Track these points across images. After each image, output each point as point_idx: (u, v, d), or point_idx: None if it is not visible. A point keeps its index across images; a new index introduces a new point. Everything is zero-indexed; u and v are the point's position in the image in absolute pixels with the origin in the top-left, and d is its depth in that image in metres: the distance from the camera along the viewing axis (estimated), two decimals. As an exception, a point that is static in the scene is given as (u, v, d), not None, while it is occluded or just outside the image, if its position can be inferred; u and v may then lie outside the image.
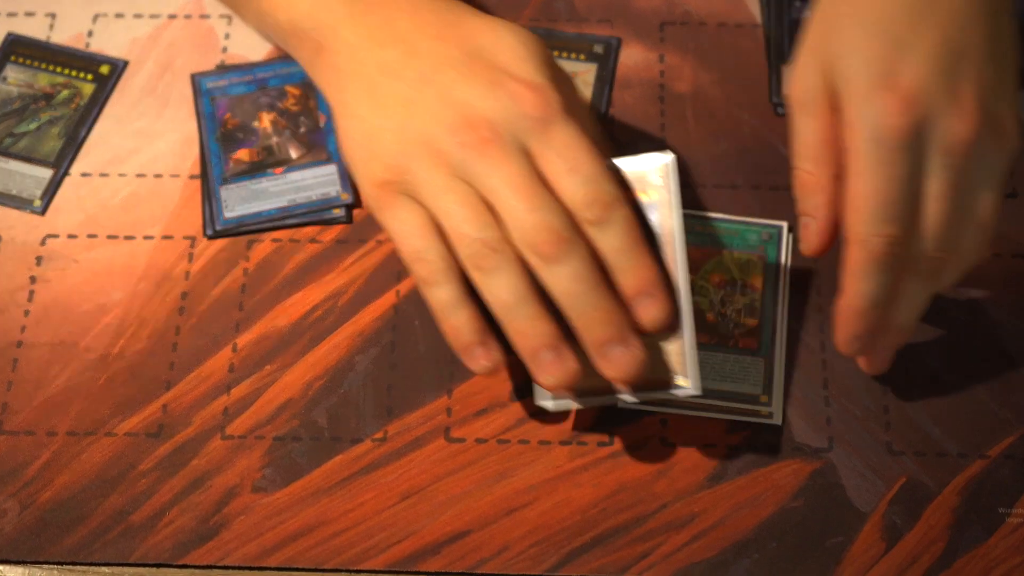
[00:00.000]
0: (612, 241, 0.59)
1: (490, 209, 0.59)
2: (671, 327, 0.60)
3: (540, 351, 0.59)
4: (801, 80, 0.61)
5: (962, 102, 0.58)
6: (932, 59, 0.58)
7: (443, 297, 0.60)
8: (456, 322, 0.60)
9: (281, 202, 0.70)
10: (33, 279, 0.69)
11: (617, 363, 0.59)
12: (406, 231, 0.61)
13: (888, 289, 0.58)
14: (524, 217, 0.58)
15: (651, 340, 0.60)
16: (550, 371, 0.59)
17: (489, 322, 0.60)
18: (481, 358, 0.60)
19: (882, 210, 0.57)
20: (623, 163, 0.62)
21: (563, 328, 0.59)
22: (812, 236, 0.60)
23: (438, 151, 0.60)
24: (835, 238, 0.60)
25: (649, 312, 0.59)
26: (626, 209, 0.60)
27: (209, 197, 0.70)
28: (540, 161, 0.60)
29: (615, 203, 0.59)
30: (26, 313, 0.68)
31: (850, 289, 0.59)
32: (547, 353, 0.59)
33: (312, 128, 0.71)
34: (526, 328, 0.59)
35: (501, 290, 0.59)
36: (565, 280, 0.58)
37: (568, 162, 0.59)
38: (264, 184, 0.70)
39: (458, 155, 0.60)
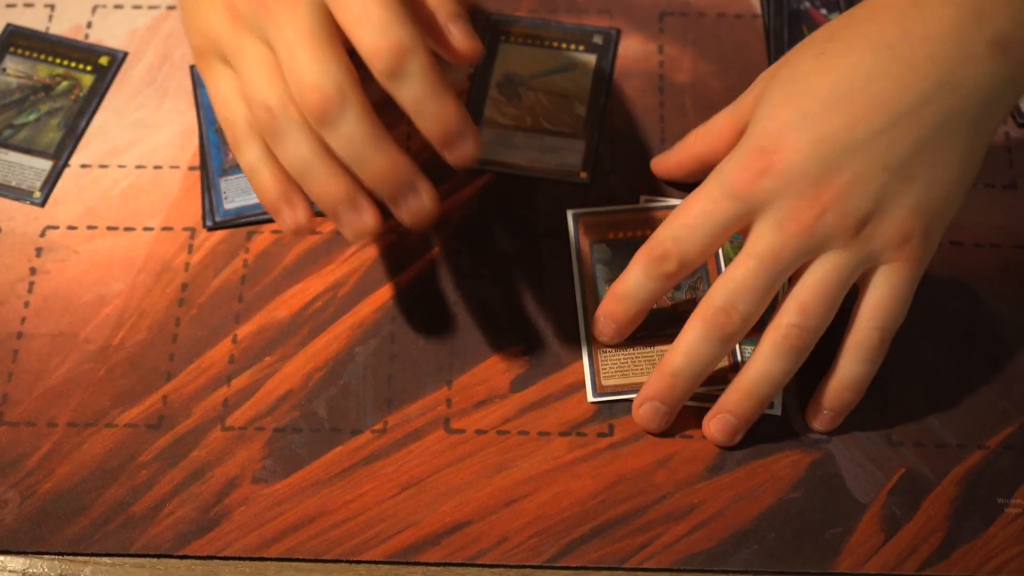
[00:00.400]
0: (410, 92, 0.56)
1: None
2: None
3: (337, 209, 0.58)
4: (748, 90, 0.65)
5: (820, 191, 0.59)
6: (817, 144, 0.59)
7: (247, 159, 0.60)
8: (260, 182, 0.60)
9: (281, 193, 0.70)
10: (33, 270, 0.69)
11: (410, 212, 0.58)
12: (218, 97, 0.61)
13: (647, 294, 0.62)
14: (297, 77, 0.56)
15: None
16: (348, 227, 0.59)
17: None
18: (287, 217, 0.60)
19: (681, 228, 0.61)
20: None
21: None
22: (656, 158, 0.70)
23: (236, 12, 0.59)
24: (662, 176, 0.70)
25: (459, 153, 0.58)
26: (423, 56, 0.56)
27: (209, 188, 0.70)
28: (334, 13, 0.57)
29: (408, 51, 0.55)
30: (26, 304, 0.68)
31: (623, 272, 0.62)
32: (344, 210, 0.58)
33: (312, 119, 0.71)
34: (320, 190, 0.58)
35: (288, 154, 0.58)
36: (342, 142, 0.57)
37: (358, 11, 0.56)
38: (264, 175, 0.70)
39: (250, 13, 0.58)
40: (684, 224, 0.60)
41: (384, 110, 0.61)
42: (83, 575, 0.61)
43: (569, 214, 0.68)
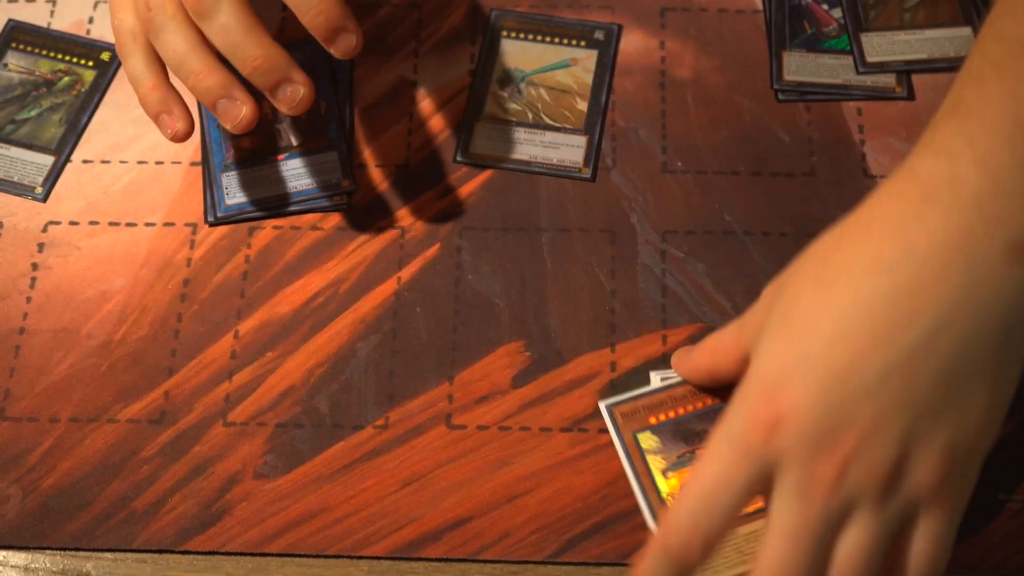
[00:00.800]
0: None
1: None
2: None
3: (215, 101, 0.63)
4: (753, 307, 0.58)
5: (838, 443, 0.51)
6: (825, 389, 0.51)
7: (130, 68, 0.65)
8: (143, 92, 0.65)
9: (282, 189, 0.70)
10: (35, 266, 0.69)
11: (287, 101, 0.63)
12: (112, 6, 0.66)
13: None
14: None
15: None
16: (227, 118, 0.63)
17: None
18: (167, 125, 0.65)
19: (699, 503, 0.52)
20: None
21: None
22: (676, 357, 0.64)
23: None
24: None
25: (342, 45, 0.62)
26: None
27: (210, 184, 0.70)
28: None
29: None
30: (28, 300, 0.68)
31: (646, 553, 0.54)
32: (222, 102, 0.63)
33: (313, 115, 0.71)
34: (197, 83, 0.63)
35: (166, 49, 0.63)
36: (218, 34, 0.62)
37: None
38: (265, 171, 0.70)
39: None
40: (701, 498, 0.52)
41: (385, 106, 0.61)
42: (85, 570, 0.61)
43: (603, 407, 0.63)
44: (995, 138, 0.52)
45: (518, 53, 0.74)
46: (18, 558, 0.62)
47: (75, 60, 0.74)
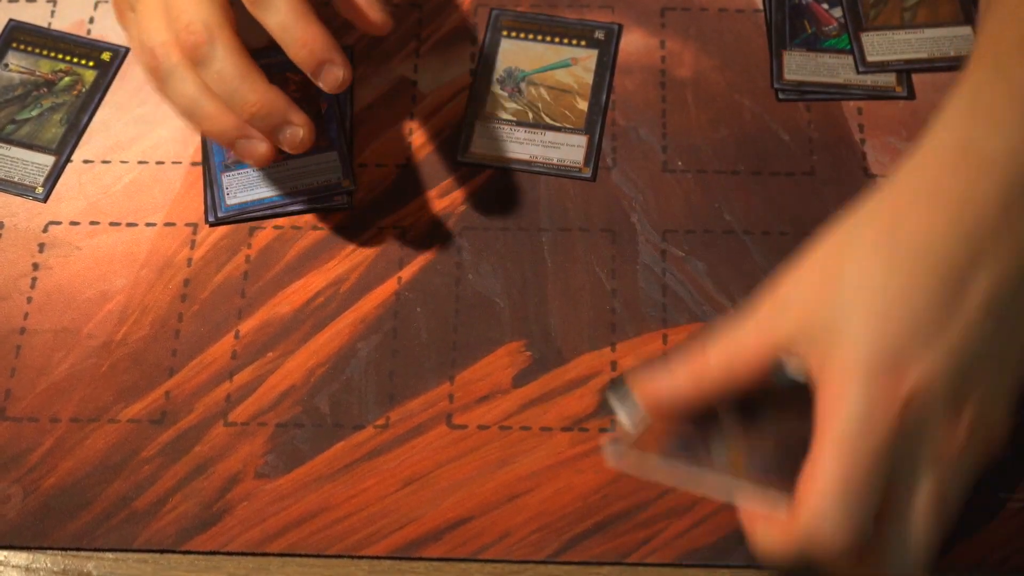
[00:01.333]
0: (275, 18, 0.61)
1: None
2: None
3: (235, 142, 0.63)
4: (767, 305, 0.54)
5: (962, 413, 0.52)
6: (951, 356, 0.51)
7: (184, 96, 0.63)
8: (204, 120, 0.63)
9: (283, 189, 0.70)
10: (36, 266, 0.69)
11: (288, 142, 0.63)
12: (133, 47, 0.66)
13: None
14: (175, 18, 0.61)
15: None
16: (247, 156, 0.63)
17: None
18: (247, 155, 0.63)
19: (849, 487, 0.50)
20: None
21: None
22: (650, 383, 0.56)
23: None
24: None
25: (329, 78, 0.62)
26: None
27: (211, 184, 0.70)
28: None
29: None
30: (29, 300, 0.68)
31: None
32: (240, 142, 0.63)
33: (313, 115, 0.71)
34: (212, 127, 0.63)
35: (175, 96, 0.62)
36: (215, 81, 0.61)
37: None
38: (265, 171, 0.70)
39: None
40: (849, 505, 0.50)
41: (385, 106, 0.61)
42: (86, 570, 0.61)
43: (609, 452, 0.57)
44: None
45: (518, 52, 0.74)
46: (19, 558, 0.62)
47: (76, 60, 0.74)
